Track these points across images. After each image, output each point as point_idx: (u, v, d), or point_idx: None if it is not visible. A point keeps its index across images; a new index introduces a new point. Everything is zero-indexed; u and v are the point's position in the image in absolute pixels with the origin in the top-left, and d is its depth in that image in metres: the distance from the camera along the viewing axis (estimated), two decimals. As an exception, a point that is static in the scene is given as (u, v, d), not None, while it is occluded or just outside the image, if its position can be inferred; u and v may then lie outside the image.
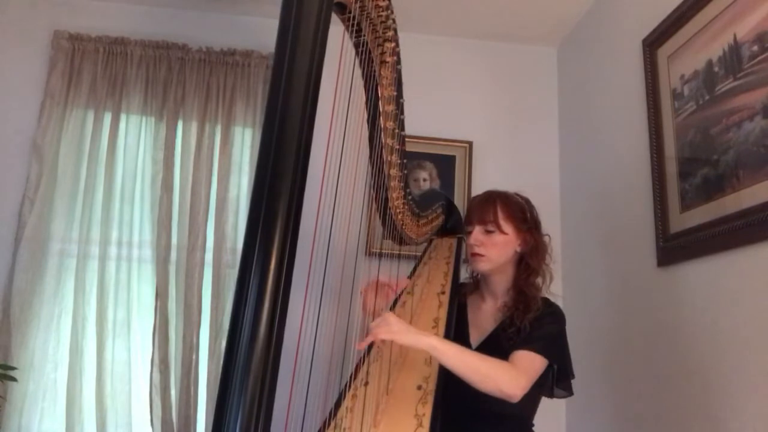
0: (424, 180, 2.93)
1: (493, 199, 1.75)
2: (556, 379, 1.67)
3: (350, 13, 1.19)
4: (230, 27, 2.98)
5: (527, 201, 1.79)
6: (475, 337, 1.75)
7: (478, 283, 1.87)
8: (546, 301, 1.72)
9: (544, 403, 1.72)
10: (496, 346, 1.66)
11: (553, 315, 1.69)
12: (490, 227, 1.71)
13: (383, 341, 1.50)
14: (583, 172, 2.81)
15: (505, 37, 3.12)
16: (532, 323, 1.63)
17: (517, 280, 1.74)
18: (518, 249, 1.74)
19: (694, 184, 1.93)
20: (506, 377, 1.49)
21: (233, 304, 0.84)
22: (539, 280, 1.73)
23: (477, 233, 1.72)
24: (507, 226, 1.71)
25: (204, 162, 2.79)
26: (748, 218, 1.66)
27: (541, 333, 1.61)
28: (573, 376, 1.71)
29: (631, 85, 2.37)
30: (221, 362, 2.59)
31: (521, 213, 1.74)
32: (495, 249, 1.71)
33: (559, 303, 1.76)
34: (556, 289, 1.83)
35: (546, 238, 1.77)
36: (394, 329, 1.42)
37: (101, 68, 2.82)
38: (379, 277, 1.69)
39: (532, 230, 1.74)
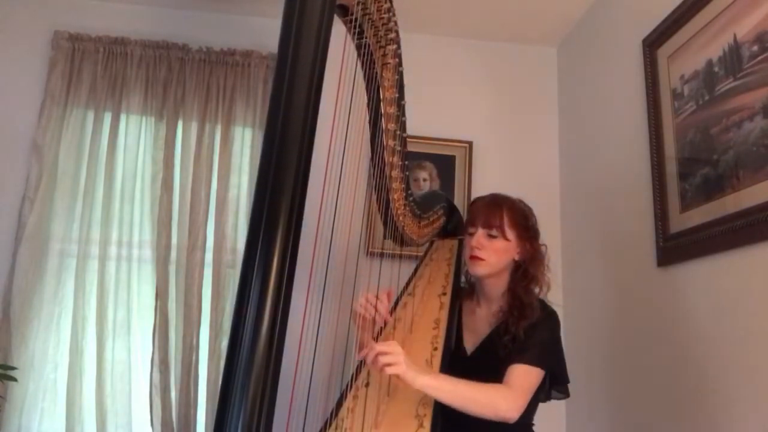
0: (424, 180, 2.93)
1: (499, 204, 1.75)
2: (552, 383, 1.68)
3: (352, 15, 1.19)
4: (230, 27, 2.98)
5: (530, 209, 1.80)
6: (470, 341, 1.76)
7: (472, 288, 1.87)
8: (542, 304, 1.71)
9: (545, 403, 1.72)
10: (491, 352, 1.66)
11: (547, 320, 1.68)
12: (494, 232, 1.71)
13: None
14: (583, 171, 2.81)
15: (505, 37, 3.12)
16: (526, 330, 1.63)
17: (513, 286, 1.74)
18: (516, 257, 1.74)
19: (694, 184, 1.94)
20: (503, 403, 1.50)
21: (235, 304, 0.84)
22: (536, 288, 1.74)
23: (480, 236, 1.72)
24: (511, 233, 1.71)
25: (204, 162, 2.79)
26: (748, 218, 1.66)
27: (535, 340, 1.61)
28: (568, 381, 1.71)
29: (631, 85, 2.38)
30: (221, 362, 2.58)
31: (524, 221, 1.75)
32: (496, 254, 1.71)
33: (559, 306, 1.76)
34: (556, 289, 1.83)
35: (543, 248, 1.78)
36: (402, 368, 1.40)
37: (101, 68, 2.82)
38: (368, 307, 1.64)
39: (531, 239, 1.75)
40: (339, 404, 1.50)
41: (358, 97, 1.38)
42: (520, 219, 1.74)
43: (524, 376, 1.56)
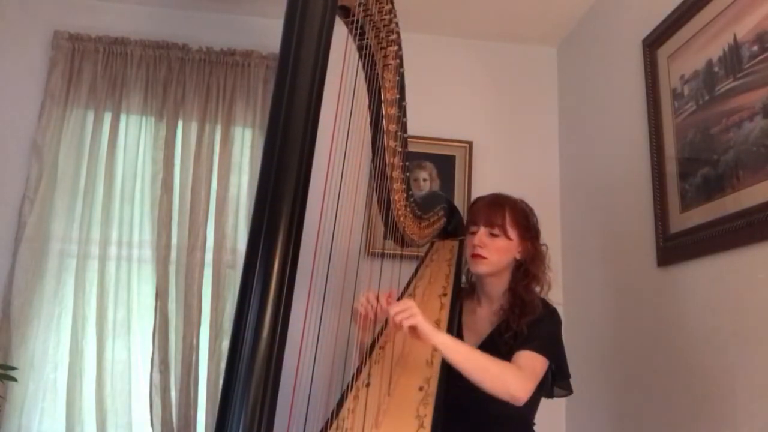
0: (424, 180, 2.93)
1: (501, 203, 1.76)
2: (554, 378, 1.69)
3: (354, 16, 1.19)
4: (230, 27, 2.98)
5: (531, 209, 1.81)
6: (471, 341, 1.76)
7: (473, 287, 1.87)
8: (543, 302, 1.73)
9: (544, 403, 1.73)
10: (493, 351, 1.66)
11: (549, 316, 1.70)
12: (496, 231, 1.72)
13: (386, 342, 1.50)
14: (583, 171, 2.81)
15: (505, 37, 3.12)
16: (529, 324, 1.64)
17: (514, 285, 1.74)
18: (517, 256, 1.75)
19: (694, 184, 1.94)
20: (515, 381, 1.50)
21: (236, 308, 0.84)
22: (537, 287, 1.74)
23: (482, 235, 1.73)
24: (512, 232, 1.72)
25: (204, 162, 2.79)
26: (748, 218, 1.66)
27: (539, 333, 1.63)
28: (570, 375, 1.72)
29: (631, 85, 2.38)
30: (222, 363, 2.58)
31: (526, 221, 1.76)
32: (497, 253, 1.72)
33: (559, 305, 1.77)
34: (556, 289, 1.84)
35: (543, 247, 1.78)
36: (419, 318, 1.43)
37: (101, 68, 2.82)
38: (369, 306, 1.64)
39: (533, 239, 1.76)
40: (340, 404, 1.50)
41: (359, 99, 1.38)
42: (522, 218, 1.75)
43: (532, 361, 1.57)
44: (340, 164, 1.21)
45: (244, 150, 2.86)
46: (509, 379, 1.50)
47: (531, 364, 1.56)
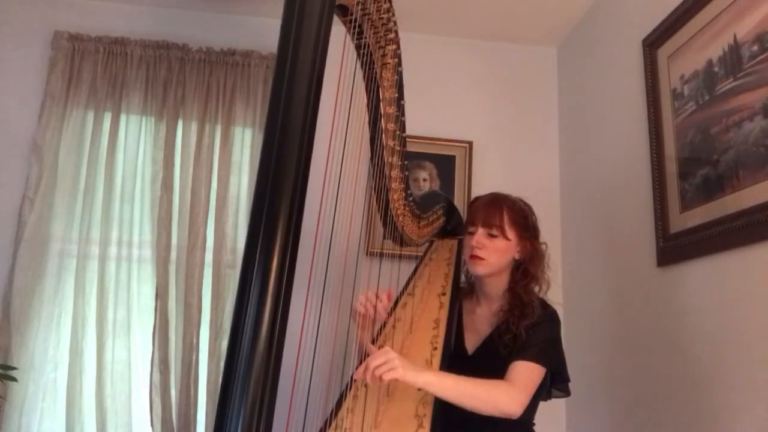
0: (424, 180, 2.93)
1: (499, 203, 1.75)
2: (552, 381, 1.68)
3: (352, 15, 1.20)
4: (230, 27, 2.98)
5: (530, 208, 1.80)
6: (471, 341, 1.76)
7: (472, 287, 1.87)
8: (543, 303, 1.72)
9: (545, 403, 1.72)
10: (492, 352, 1.67)
11: (548, 319, 1.69)
12: (495, 231, 1.71)
13: (385, 342, 1.49)
14: (583, 172, 2.81)
15: (505, 37, 3.12)
16: (527, 329, 1.63)
17: (513, 285, 1.74)
18: (516, 256, 1.75)
19: (694, 184, 1.94)
20: (505, 398, 1.50)
21: (235, 305, 0.84)
22: (536, 287, 1.74)
23: (480, 236, 1.72)
24: (511, 233, 1.72)
25: (204, 162, 2.79)
26: (748, 218, 1.66)
27: (536, 339, 1.62)
28: (569, 380, 1.71)
29: (631, 85, 2.37)
30: (221, 362, 2.57)
31: (524, 220, 1.75)
32: (496, 254, 1.71)
33: (559, 305, 1.76)
34: (556, 289, 1.83)
35: (543, 246, 1.78)
36: (399, 371, 1.39)
37: (101, 68, 2.82)
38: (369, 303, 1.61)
39: (531, 238, 1.75)
40: (339, 404, 1.50)
41: (357, 98, 1.38)
42: (520, 218, 1.75)
43: (526, 373, 1.56)
44: (338, 163, 1.21)
45: (244, 150, 2.86)
46: (499, 398, 1.50)
47: (525, 377, 1.56)
